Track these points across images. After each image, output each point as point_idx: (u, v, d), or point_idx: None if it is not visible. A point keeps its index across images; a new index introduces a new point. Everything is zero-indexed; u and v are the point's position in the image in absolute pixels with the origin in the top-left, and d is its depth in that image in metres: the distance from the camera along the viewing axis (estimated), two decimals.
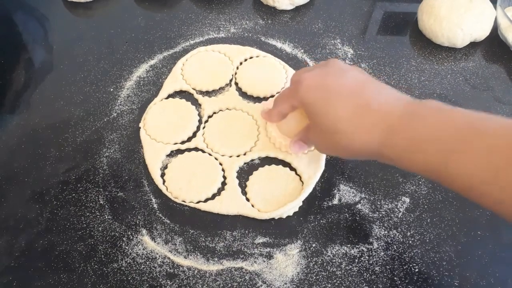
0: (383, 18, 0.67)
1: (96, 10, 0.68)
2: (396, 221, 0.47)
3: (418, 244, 0.46)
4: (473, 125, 0.33)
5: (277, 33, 0.64)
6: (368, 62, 0.61)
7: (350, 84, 0.39)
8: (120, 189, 0.49)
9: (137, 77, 0.59)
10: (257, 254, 0.45)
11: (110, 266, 0.44)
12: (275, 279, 0.43)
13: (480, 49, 0.64)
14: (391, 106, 0.37)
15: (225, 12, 0.67)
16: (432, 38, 0.63)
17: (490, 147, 0.31)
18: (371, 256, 0.45)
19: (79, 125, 0.54)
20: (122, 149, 0.52)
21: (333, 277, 0.43)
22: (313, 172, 0.49)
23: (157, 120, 0.53)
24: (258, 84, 0.57)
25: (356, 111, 0.37)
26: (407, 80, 0.59)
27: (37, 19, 0.69)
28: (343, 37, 0.64)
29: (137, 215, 0.47)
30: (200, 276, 0.43)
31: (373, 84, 0.39)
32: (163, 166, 0.50)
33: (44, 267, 0.44)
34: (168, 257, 0.44)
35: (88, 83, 0.58)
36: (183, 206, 0.48)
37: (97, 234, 0.46)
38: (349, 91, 0.38)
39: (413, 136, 0.35)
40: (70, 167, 0.50)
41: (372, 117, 0.37)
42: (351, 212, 0.47)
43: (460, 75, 0.60)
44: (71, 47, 0.62)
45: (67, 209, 0.47)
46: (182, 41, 0.63)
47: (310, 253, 0.45)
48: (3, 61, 0.61)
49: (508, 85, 0.60)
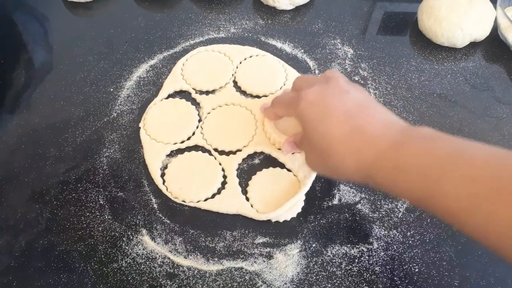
0: (383, 18, 0.67)
1: (96, 10, 0.68)
2: (396, 221, 0.47)
3: (418, 244, 0.46)
4: (458, 154, 0.33)
5: (277, 33, 0.64)
6: (368, 62, 0.61)
7: (349, 105, 0.39)
8: (120, 189, 0.49)
9: (137, 77, 0.59)
10: (257, 254, 0.45)
11: (110, 266, 0.44)
12: (275, 279, 0.43)
13: (480, 49, 0.64)
14: (384, 131, 0.37)
15: (225, 12, 0.67)
16: (432, 38, 0.63)
17: (473, 177, 0.31)
18: (371, 256, 0.45)
19: (79, 125, 0.54)
20: (122, 149, 0.52)
21: (333, 277, 0.43)
22: (308, 171, 0.49)
23: (157, 120, 0.53)
24: (258, 82, 0.57)
25: (349, 134, 0.37)
26: (407, 80, 0.59)
27: (37, 19, 0.69)
28: (343, 37, 0.64)
29: (137, 215, 0.47)
30: (200, 276, 0.43)
31: (371, 107, 0.39)
32: (163, 166, 0.50)
33: (44, 267, 0.44)
34: (168, 257, 0.44)
35: (88, 83, 0.58)
36: (183, 206, 0.48)
37: (97, 234, 0.46)
38: (345, 113, 0.38)
39: (398, 163, 0.35)
40: (70, 167, 0.50)
41: (364, 141, 0.37)
42: (351, 212, 0.47)
43: (460, 75, 0.60)
44: (71, 47, 0.62)
45: (67, 209, 0.47)
46: (182, 41, 0.63)
47: (310, 253, 0.45)
48: (3, 61, 0.61)
49: (508, 85, 0.60)
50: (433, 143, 0.34)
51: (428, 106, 0.57)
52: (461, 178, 0.31)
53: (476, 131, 0.55)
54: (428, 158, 0.33)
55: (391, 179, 0.35)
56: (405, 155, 0.34)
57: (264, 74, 0.58)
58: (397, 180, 0.35)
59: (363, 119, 0.38)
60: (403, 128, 0.37)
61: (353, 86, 0.41)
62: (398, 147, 0.35)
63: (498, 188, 0.29)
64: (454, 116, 0.56)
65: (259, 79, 0.57)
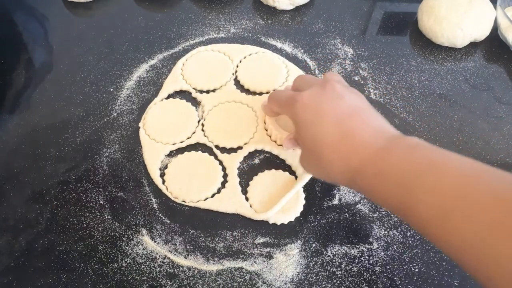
0: (383, 18, 0.67)
1: (96, 10, 0.68)
2: (396, 221, 0.47)
3: (418, 244, 0.46)
4: (433, 162, 0.33)
5: (277, 33, 0.64)
6: (368, 62, 0.61)
7: (341, 110, 0.39)
8: (120, 189, 0.49)
9: (137, 77, 0.59)
10: (257, 254, 0.45)
11: (110, 266, 0.44)
12: (275, 279, 0.43)
13: (480, 49, 0.64)
14: (372, 138, 0.37)
15: (225, 12, 0.67)
16: (432, 38, 0.63)
17: (442, 185, 0.31)
18: (371, 256, 0.45)
19: (79, 125, 0.54)
20: (122, 149, 0.52)
21: (333, 277, 0.43)
22: None
23: (157, 120, 0.53)
24: (259, 79, 0.57)
25: (339, 139, 0.38)
26: (407, 80, 0.59)
27: (37, 19, 0.69)
28: (343, 37, 0.64)
29: (137, 215, 0.47)
30: (200, 276, 0.43)
31: (364, 113, 0.39)
32: (163, 166, 0.50)
33: (44, 267, 0.44)
34: (168, 257, 0.44)
35: (88, 83, 0.58)
36: (183, 206, 0.48)
37: (97, 234, 0.46)
38: (338, 118, 0.38)
39: (379, 169, 0.35)
40: (70, 167, 0.50)
41: (352, 146, 0.37)
42: (351, 212, 0.47)
43: (460, 75, 0.60)
44: (71, 47, 0.62)
45: (67, 209, 0.47)
46: (182, 41, 0.63)
47: (310, 253, 0.45)
48: (3, 61, 0.61)
49: (508, 85, 0.60)
50: (414, 152, 0.35)
51: (428, 106, 0.57)
52: (432, 186, 0.31)
53: (476, 131, 0.55)
54: (406, 166, 0.33)
55: (372, 185, 0.36)
56: (386, 162, 0.35)
57: (265, 71, 0.58)
58: (377, 186, 0.35)
59: (354, 124, 0.38)
60: (392, 136, 0.37)
61: (350, 91, 0.41)
62: (383, 154, 0.35)
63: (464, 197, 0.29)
64: (454, 116, 0.56)
65: (260, 76, 0.57)
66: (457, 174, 0.31)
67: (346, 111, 0.39)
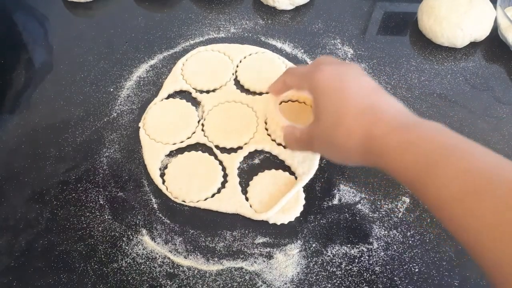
0: (383, 18, 0.67)
1: (96, 10, 0.68)
2: (396, 221, 0.47)
3: (418, 244, 0.46)
4: (459, 147, 0.34)
5: (277, 33, 0.64)
6: (368, 62, 0.61)
7: (366, 86, 0.40)
8: (120, 189, 0.49)
9: (137, 77, 0.59)
10: (257, 254, 0.45)
11: (110, 266, 0.44)
12: (275, 279, 0.43)
13: (480, 49, 0.64)
14: (397, 114, 0.38)
15: (225, 12, 0.67)
16: (432, 38, 0.63)
17: (465, 171, 0.31)
18: (371, 256, 0.45)
19: (79, 125, 0.54)
20: (122, 149, 0.52)
21: (333, 277, 0.43)
22: (307, 168, 0.49)
23: (157, 120, 0.53)
24: (259, 79, 0.57)
25: (364, 110, 0.38)
26: (407, 80, 0.59)
27: (37, 19, 0.69)
28: (343, 37, 0.64)
29: (137, 215, 0.47)
30: (200, 276, 0.43)
31: (386, 94, 0.41)
32: (163, 166, 0.50)
33: (44, 267, 0.44)
34: (168, 257, 0.44)
35: (88, 83, 0.58)
36: (183, 206, 0.48)
37: (97, 234, 0.46)
38: (363, 91, 0.40)
39: (404, 140, 0.36)
40: (70, 167, 0.50)
41: (377, 116, 0.38)
42: (351, 212, 0.47)
43: (460, 75, 0.60)
44: (71, 47, 0.62)
45: (67, 209, 0.47)
46: (182, 41, 0.63)
47: (310, 253, 0.45)
48: (3, 61, 0.61)
49: (508, 85, 0.60)
50: (441, 132, 0.36)
51: (428, 106, 0.57)
52: (454, 168, 0.32)
53: (476, 131, 0.55)
54: (432, 142, 0.34)
55: (392, 156, 0.36)
56: (413, 135, 0.35)
57: (265, 71, 0.58)
58: (398, 157, 0.35)
59: (379, 99, 0.39)
60: (415, 117, 0.38)
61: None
62: (409, 128, 0.36)
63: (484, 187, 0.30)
64: (454, 116, 0.56)
65: (260, 76, 0.57)
66: (480, 163, 0.32)
67: (369, 87, 0.40)
